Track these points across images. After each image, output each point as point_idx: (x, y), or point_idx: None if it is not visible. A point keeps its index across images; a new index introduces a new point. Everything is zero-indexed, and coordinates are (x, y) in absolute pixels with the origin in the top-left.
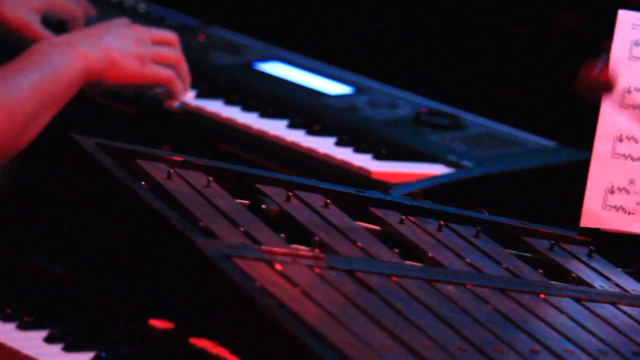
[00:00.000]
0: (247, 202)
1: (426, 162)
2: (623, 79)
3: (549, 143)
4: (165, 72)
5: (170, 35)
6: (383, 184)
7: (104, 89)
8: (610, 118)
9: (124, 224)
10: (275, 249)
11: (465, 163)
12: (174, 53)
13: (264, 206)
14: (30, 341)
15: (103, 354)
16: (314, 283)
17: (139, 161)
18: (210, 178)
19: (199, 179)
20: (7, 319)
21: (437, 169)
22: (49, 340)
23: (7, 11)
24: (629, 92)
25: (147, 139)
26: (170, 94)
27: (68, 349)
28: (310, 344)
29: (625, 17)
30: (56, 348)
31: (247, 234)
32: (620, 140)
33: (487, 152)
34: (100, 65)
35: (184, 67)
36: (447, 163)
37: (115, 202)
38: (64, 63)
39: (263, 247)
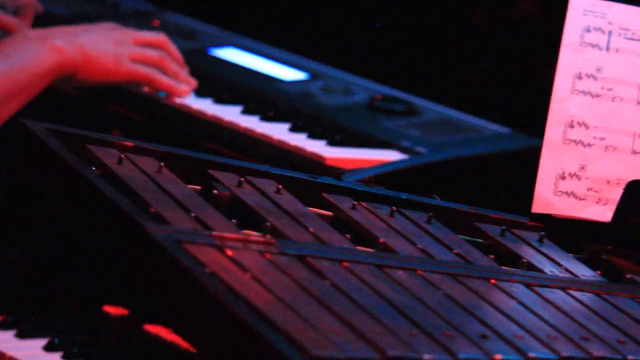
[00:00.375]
0: (198, 187)
1: (380, 149)
2: (574, 65)
3: (504, 129)
4: (142, 70)
5: (157, 37)
6: (337, 170)
7: (76, 84)
8: (561, 104)
9: (75, 210)
10: (226, 235)
11: (419, 149)
12: (157, 53)
13: (215, 192)
14: None
15: (57, 340)
16: (264, 268)
17: (90, 146)
18: (162, 163)
19: (150, 164)
20: None
21: (391, 155)
22: (1, 326)
23: None
24: (580, 78)
25: (99, 125)
26: (164, 92)
27: (21, 335)
28: (260, 328)
29: (576, 3)
30: (9, 335)
31: (198, 219)
32: (572, 127)
33: (442, 138)
34: (74, 60)
35: (171, 66)
36: (401, 149)
37: (65, 187)
38: (35, 55)
39: (214, 233)
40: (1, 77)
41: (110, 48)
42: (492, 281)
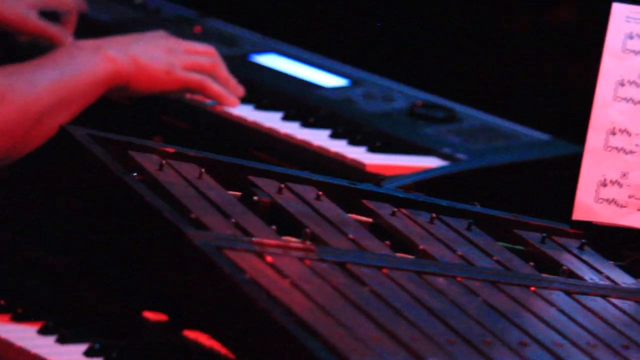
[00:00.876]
0: (238, 193)
1: (420, 155)
2: (616, 72)
3: (544, 136)
4: (195, 77)
5: (206, 47)
6: (377, 176)
7: (130, 95)
8: (604, 111)
9: (116, 216)
10: (266, 241)
11: (460, 156)
12: (208, 60)
13: (255, 198)
14: (24, 333)
15: (97, 346)
16: (303, 275)
17: (131, 152)
18: (202, 169)
19: (190, 170)
20: (0, 310)
21: (431, 162)
22: (42, 332)
23: (4, 9)
24: (622, 84)
25: (141, 131)
26: (215, 100)
27: (61, 340)
28: (299, 335)
29: (619, 10)
30: (50, 340)
31: (237, 225)
32: (613, 134)
33: (482, 145)
34: (127, 70)
35: (223, 73)
36: (442, 156)
37: (107, 193)
38: (87, 65)
39: (253, 239)
40: (53, 87)
41: (162, 57)
42: (532, 288)
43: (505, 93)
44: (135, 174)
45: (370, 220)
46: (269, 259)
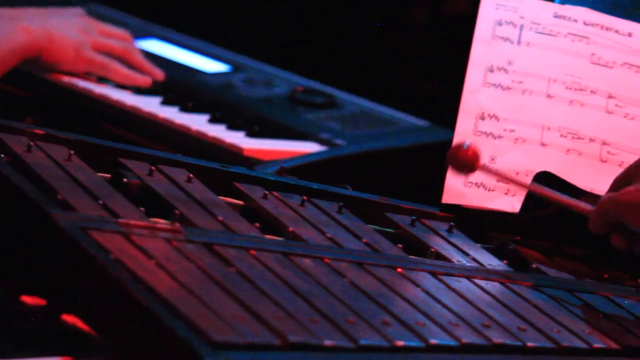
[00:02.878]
0: (108, 175)
1: (299, 140)
2: (485, 58)
3: (422, 122)
4: (101, 60)
5: (121, 31)
6: (256, 161)
7: (39, 68)
8: (472, 96)
9: None
10: (132, 222)
11: (338, 141)
12: (120, 44)
13: (125, 180)
14: None
15: None
16: (170, 255)
17: None
18: (72, 151)
19: (60, 152)
20: None
21: (310, 147)
22: None
23: None
24: (491, 70)
25: (13, 112)
26: (121, 83)
27: None
28: (161, 314)
29: None
30: None
31: (105, 207)
32: (482, 119)
33: (361, 130)
34: (40, 42)
35: (135, 58)
36: (320, 141)
37: None
38: (3, 34)
39: (120, 220)
40: None
41: (75, 34)
42: (399, 270)
43: (386, 80)
44: (2, 155)
45: (241, 203)
46: (135, 240)
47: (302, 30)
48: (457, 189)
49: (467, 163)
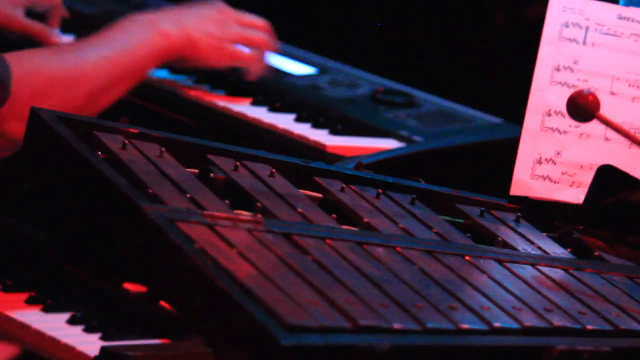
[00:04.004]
0: (196, 170)
1: (379, 137)
2: (552, 58)
3: (497, 120)
4: (243, 53)
5: (259, 21)
6: (338, 157)
7: (185, 65)
8: (540, 94)
9: (85, 192)
10: (217, 214)
11: (416, 138)
12: (260, 35)
13: (212, 175)
14: (13, 303)
15: (79, 314)
16: (250, 245)
17: (97, 132)
18: (163, 148)
19: (152, 149)
20: None
21: (389, 144)
22: (29, 302)
23: None
24: (558, 70)
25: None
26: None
27: (46, 310)
28: (240, 300)
29: (556, 1)
30: (35, 310)
31: (192, 200)
32: (549, 115)
33: (438, 128)
34: (180, 44)
35: (273, 48)
36: (400, 138)
37: (73, 171)
38: (141, 39)
39: (205, 212)
40: (106, 62)
41: (214, 30)
42: (467, 258)
43: (461, 80)
44: (100, 153)
45: (320, 195)
46: (219, 230)
47: (384, 35)
48: (525, 181)
49: (587, 109)
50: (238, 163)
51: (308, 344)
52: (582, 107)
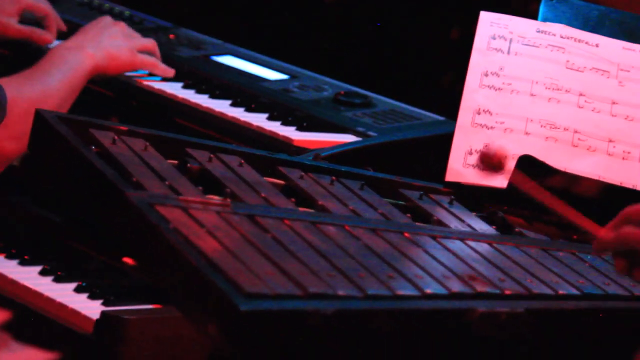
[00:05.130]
0: (175, 162)
1: (340, 133)
2: (481, 65)
3: (440, 118)
4: (150, 59)
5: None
6: (304, 150)
7: (106, 77)
8: (471, 95)
9: (79, 180)
10: (190, 198)
11: (371, 133)
12: (151, 41)
13: (188, 165)
14: (29, 274)
15: (84, 284)
16: (218, 224)
17: (92, 130)
18: (148, 143)
19: (138, 144)
20: (11, 257)
21: (348, 138)
22: (42, 273)
23: None
24: (486, 75)
25: (121, 116)
26: (158, 75)
27: (57, 280)
28: (206, 271)
29: (485, 17)
30: (47, 279)
31: (170, 187)
32: (479, 113)
33: (390, 125)
34: (103, 61)
35: (158, 51)
36: (357, 133)
37: (71, 162)
38: (77, 63)
39: (180, 197)
40: (59, 84)
41: (123, 43)
42: (406, 234)
43: (412, 84)
44: (93, 147)
45: (282, 182)
46: (191, 212)
47: (347, 46)
48: (458, 169)
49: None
50: (212, 155)
51: (263, 309)
52: (494, 165)
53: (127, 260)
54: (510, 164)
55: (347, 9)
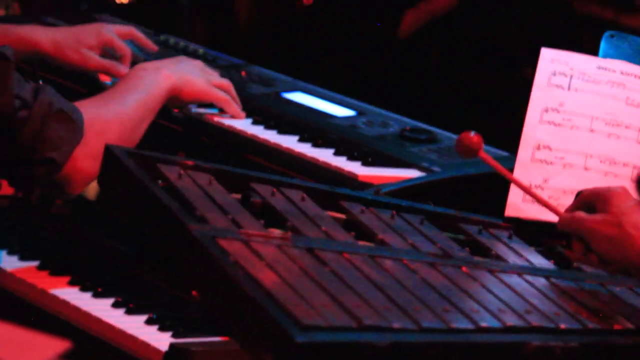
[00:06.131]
0: (239, 196)
1: (404, 168)
2: (542, 101)
3: (503, 153)
4: (223, 95)
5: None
6: (369, 185)
7: (179, 104)
8: (531, 131)
9: (146, 213)
10: (251, 231)
11: (435, 168)
12: (226, 80)
13: (252, 199)
14: (102, 306)
15: (154, 316)
16: (278, 258)
17: (159, 165)
18: (212, 177)
19: (203, 178)
20: (85, 289)
21: (412, 173)
22: (115, 305)
23: (70, 52)
24: (547, 111)
25: (189, 150)
26: (229, 114)
27: (128, 312)
28: (263, 302)
29: (546, 53)
30: (120, 312)
31: (232, 220)
32: (539, 149)
33: (454, 160)
34: (179, 84)
35: (234, 92)
36: (421, 169)
37: (138, 196)
38: (155, 83)
39: (241, 230)
40: (138, 103)
41: (199, 73)
42: (463, 268)
43: (476, 120)
44: (160, 181)
45: (343, 216)
46: (252, 245)
47: (413, 84)
48: (517, 204)
49: (472, 147)
50: (275, 189)
51: (318, 340)
52: (468, 146)
53: (196, 292)
54: (570, 200)
55: (414, 47)
